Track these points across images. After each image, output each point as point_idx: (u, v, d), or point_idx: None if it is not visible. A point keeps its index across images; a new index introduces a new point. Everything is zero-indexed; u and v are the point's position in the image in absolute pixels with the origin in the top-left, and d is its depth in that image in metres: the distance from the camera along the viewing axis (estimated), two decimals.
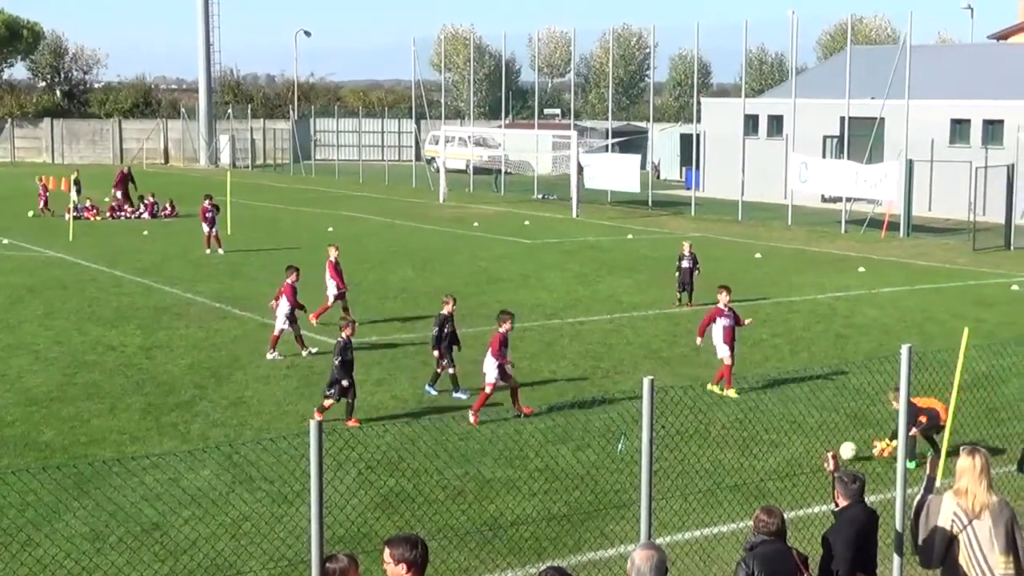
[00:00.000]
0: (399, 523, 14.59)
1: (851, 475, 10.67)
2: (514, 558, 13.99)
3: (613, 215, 56.11)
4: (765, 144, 62.26)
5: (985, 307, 31.33)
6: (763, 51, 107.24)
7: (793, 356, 25.24)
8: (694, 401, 19.16)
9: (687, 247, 31.43)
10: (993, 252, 43.56)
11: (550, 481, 16.52)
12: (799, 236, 48.08)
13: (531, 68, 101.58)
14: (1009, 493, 12.89)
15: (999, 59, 65.39)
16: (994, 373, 22.16)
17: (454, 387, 21.39)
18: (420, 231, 48.42)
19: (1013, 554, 10.11)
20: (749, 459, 17.60)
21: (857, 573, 10.33)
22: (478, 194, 66.33)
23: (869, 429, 19.02)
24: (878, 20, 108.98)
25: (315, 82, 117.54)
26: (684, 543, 13.85)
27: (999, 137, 53.43)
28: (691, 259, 30.92)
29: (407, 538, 8.34)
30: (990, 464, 10.25)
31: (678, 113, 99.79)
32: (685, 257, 31.00)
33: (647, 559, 8.40)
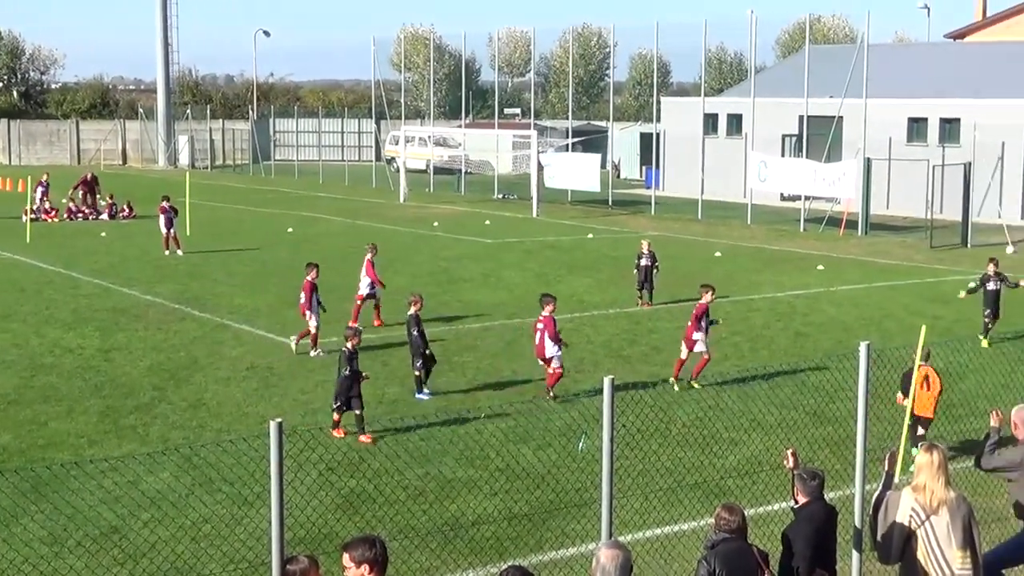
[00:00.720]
0: (360, 524, 14.56)
1: (810, 472, 10.72)
2: (475, 558, 13.99)
3: (573, 214, 56.18)
4: (724, 143, 62.50)
5: (942, 304, 31.55)
6: (722, 50, 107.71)
7: (753, 354, 25.34)
8: (655, 400, 19.21)
9: (646, 245, 31.51)
10: (950, 250, 43.87)
11: (511, 480, 16.52)
12: (758, 234, 48.28)
13: (491, 68, 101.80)
14: (967, 488, 12.98)
15: (956, 58, 65.88)
16: (951, 369, 22.30)
17: (417, 388, 21.42)
18: (381, 231, 48.30)
19: (970, 549, 10.19)
20: (709, 457, 17.66)
21: (817, 569, 10.37)
22: (438, 194, 66.29)
23: (829, 426, 19.12)
24: (836, 20, 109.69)
25: (274, 82, 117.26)
26: (645, 541, 13.88)
27: (956, 136, 53.83)
28: (650, 257, 30.99)
29: (364, 539, 8.33)
30: (947, 460, 10.33)
31: (638, 112, 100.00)
32: (644, 255, 31.06)
33: (612, 558, 8.41)
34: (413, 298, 22.16)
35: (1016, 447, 12.06)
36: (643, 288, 30.97)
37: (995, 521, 13.70)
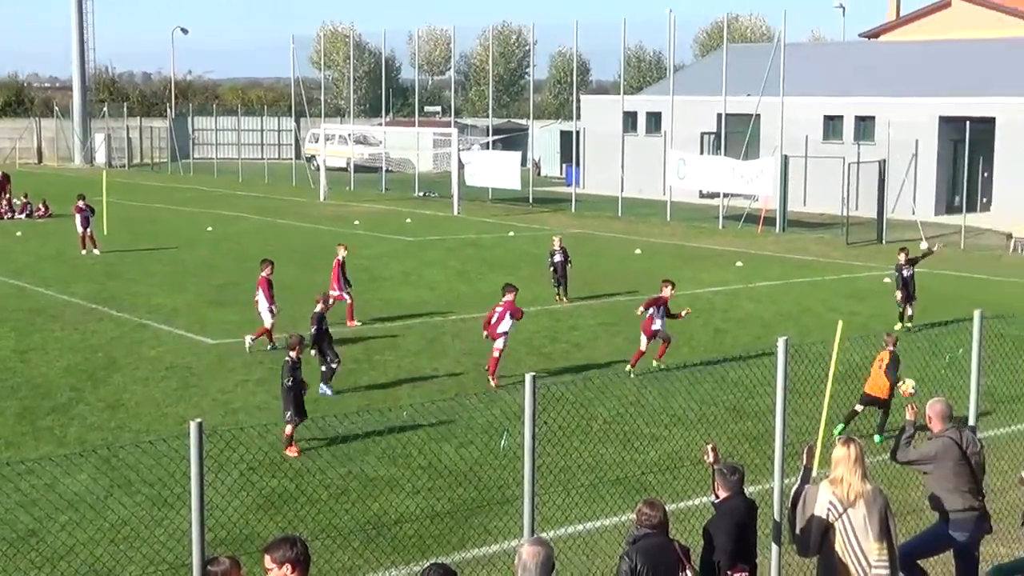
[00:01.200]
0: (282, 524, 14.50)
1: (730, 467, 10.83)
2: (398, 556, 13.98)
3: (494, 212, 56.24)
4: (644, 141, 62.82)
5: (858, 300, 31.95)
6: (641, 49, 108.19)
7: (673, 350, 25.44)
8: (576, 396, 19.29)
9: (557, 242, 31.94)
10: (866, 246, 44.44)
11: (433, 478, 16.53)
12: (678, 232, 48.61)
13: (411, 66, 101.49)
14: (883, 481, 13.17)
15: (870, 57, 66.69)
16: (868, 364, 22.56)
17: (324, 382, 21.50)
18: (301, 229, 48.09)
19: (887, 541, 10.34)
20: (631, 453, 17.77)
21: (737, 563, 10.47)
22: (359, 192, 66.04)
23: (748, 421, 19.31)
24: (753, 19, 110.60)
25: (192, 80, 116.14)
26: (567, 537, 13.93)
27: (870, 133, 54.49)
28: (562, 253, 31.25)
29: (284, 539, 8.33)
30: (864, 453, 10.47)
31: (558, 110, 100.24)
32: (556, 252, 31.34)
33: (534, 555, 8.45)
34: (319, 297, 22.25)
35: (931, 441, 12.25)
36: (559, 284, 31.17)
37: (910, 513, 13.92)
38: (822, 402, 16.73)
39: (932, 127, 52.86)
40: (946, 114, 52.72)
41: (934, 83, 56.12)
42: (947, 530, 12.08)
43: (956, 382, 19.74)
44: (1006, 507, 13.87)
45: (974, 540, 12.20)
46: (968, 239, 44.23)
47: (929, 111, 53.03)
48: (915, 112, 52.73)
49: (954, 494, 11.97)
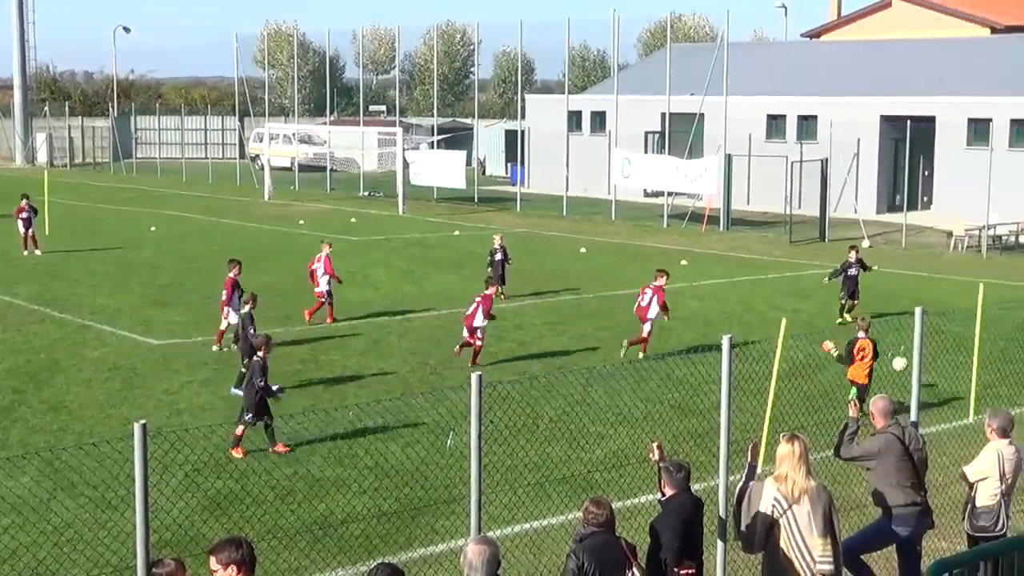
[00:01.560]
0: (227, 525, 14.43)
1: (676, 464, 10.89)
2: (344, 556, 13.95)
3: (439, 211, 56.20)
4: (589, 140, 62.95)
5: (802, 298, 32.19)
6: (586, 48, 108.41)
7: (618, 348, 25.58)
8: (522, 396, 19.32)
9: (499, 240, 32.15)
10: (809, 244, 44.78)
11: (380, 478, 16.51)
12: (623, 230, 48.77)
13: (356, 65, 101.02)
14: (827, 478, 13.27)
15: (812, 57, 67.18)
16: (811, 361, 22.79)
17: (237, 383, 21.42)
18: (246, 229, 47.85)
19: (831, 537, 10.44)
20: (577, 451, 17.82)
21: (684, 560, 10.53)
22: (304, 191, 65.78)
23: (693, 419, 19.41)
24: (697, 19, 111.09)
25: (135, 79, 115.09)
26: (514, 536, 13.96)
27: (813, 132, 54.87)
28: (502, 252, 31.60)
29: (229, 540, 8.31)
30: (808, 450, 10.56)
31: (503, 110, 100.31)
32: (497, 250, 31.49)
33: (480, 553, 8.48)
34: (247, 297, 22.24)
35: (874, 437, 12.37)
36: (502, 283, 31.22)
37: (854, 509, 14.04)
38: (766, 399, 16.86)
39: (874, 126, 53.33)
40: (887, 113, 53.22)
41: (875, 83, 56.61)
42: (890, 525, 12.21)
43: (898, 378, 19.95)
44: (948, 502, 14.03)
45: (916, 535, 12.34)
46: (909, 237, 44.65)
47: (871, 110, 53.49)
48: (857, 111, 53.16)
49: (896, 490, 12.10)
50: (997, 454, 12.32)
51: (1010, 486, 12.38)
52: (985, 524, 12.27)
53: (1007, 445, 12.40)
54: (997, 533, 12.18)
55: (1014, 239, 44.20)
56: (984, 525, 12.28)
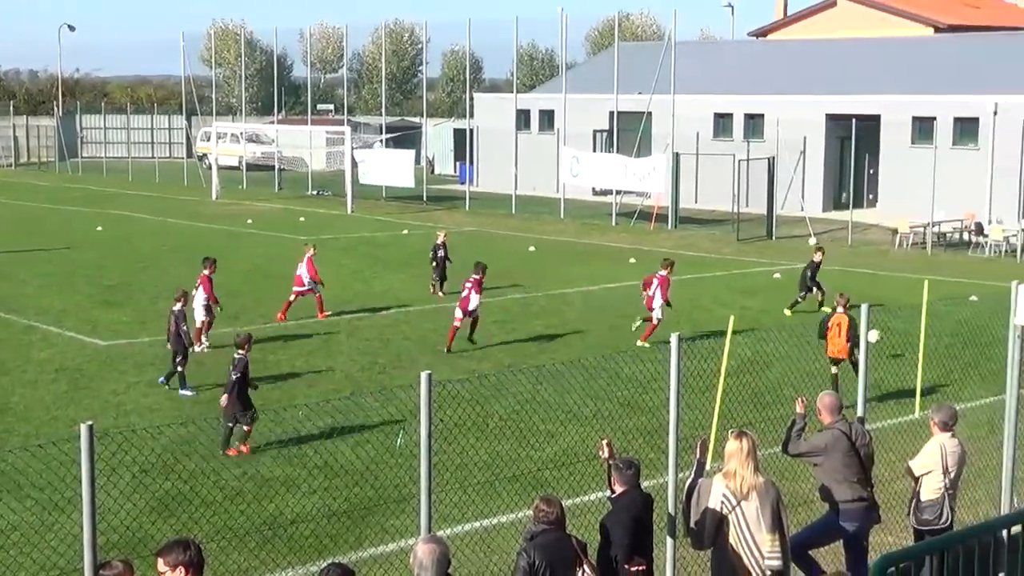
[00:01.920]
0: (176, 526, 14.36)
1: (626, 461, 10.93)
2: (294, 557, 13.92)
3: (388, 210, 56.09)
4: (537, 139, 63.03)
5: (749, 295, 32.37)
6: (534, 47, 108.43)
7: (567, 347, 25.66)
8: (471, 394, 19.32)
9: (441, 236, 32.65)
10: (756, 242, 45.04)
11: (330, 478, 16.47)
12: (571, 229, 48.86)
13: (303, 64, 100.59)
14: (775, 474, 13.37)
15: (759, 56, 67.59)
16: (758, 358, 22.96)
17: (182, 385, 21.60)
18: (193, 229, 47.58)
19: (779, 532, 10.51)
20: (527, 449, 17.85)
21: (634, 557, 10.58)
22: (252, 191, 65.47)
23: (642, 416, 19.48)
24: (644, 17, 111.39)
25: (80, 78, 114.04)
26: (464, 535, 13.97)
27: (760, 131, 55.16)
28: (444, 249, 31.98)
29: (177, 542, 8.29)
30: (756, 447, 10.63)
31: (451, 108, 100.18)
32: (440, 247, 31.94)
33: (429, 552, 8.49)
34: (178, 294, 22.28)
35: (821, 433, 12.47)
36: (442, 278, 31.81)
37: (801, 505, 14.15)
38: (715, 396, 16.96)
39: (820, 125, 53.69)
40: (833, 112, 53.58)
41: (821, 81, 57.00)
42: (837, 521, 12.31)
43: (845, 375, 20.13)
44: (894, 497, 14.16)
45: (863, 530, 12.45)
46: (855, 235, 44.99)
47: (817, 109, 53.84)
48: (803, 110, 53.50)
49: (843, 485, 12.21)
50: (940, 448, 12.46)
51: (954, 480, 12.53)
52: (929, 518, 12.41)
53: (950, 439, 12.55)
54: (942, 526, 12.32)
55: (958, 236, 44.64)
56: (928, 519, 12.42)
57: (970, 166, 47.64)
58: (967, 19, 66.83)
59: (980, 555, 7.32)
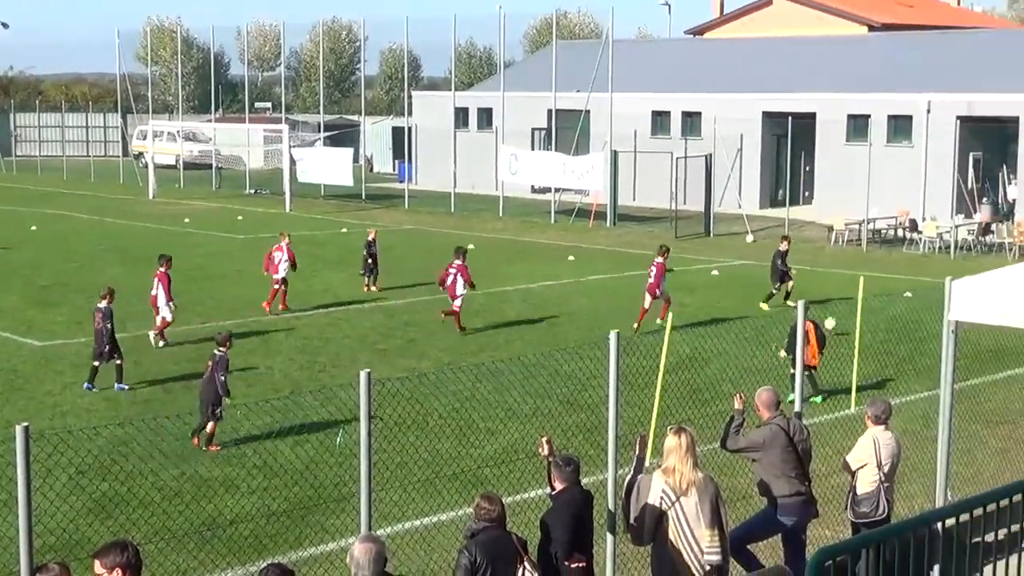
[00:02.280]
0: (113, 528, 14.25)
1: (565, 458, 10.96)
2: (234, 557, 13.85)
3: (327, 209, 55.89)
4: (476, 136, 63.05)
5: (687, 292, 32.52)
6: (472, 45, 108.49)
7: (507, 345, 25.70)
8: (411, 392, 19.31)
9: (373, 233, 33.12)
10: (694, 239, 45.27)
11: (269, 478, 16.41)
12: (511, 227, 48.90)
13: (241, 61, 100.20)
14: (714, 469, 13.46)
15: (696, 54, 67.92)
16: (697, 355, 23.09)
17: (118, 379, 21.60)
18: (130, 228, 47.18)
19: (718, 527, 10.58)
20: (467, 447, 17.85)
21: (574, 554, 10.61)
22: (189, 189, 65.00)
23: (582, 414, 19.54)
24: (582, 16, 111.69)
25: (14, 76, 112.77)
26: (405, 533, 13.97)
27: (697, 129, 55.47)
28: (374, 245, 32.53)
29: (114, 544, 8.23)
30: (695, 442, 10.69)
31: (390, 106, 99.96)
32: (371, 243, 32.37)
33: (366, 552, 8.49)
34: (104, 292, 22.32)
35: (759, 428, 12.57)
36: (371, 273, 32.23)
37: (740, 500, 14.26)
38: (654, 393, 17.04)
39: (756, 123, 54.05)
40: (769, 110, 53.95)
41: (758, 80, 57.37)
42: (775, 515, 12.41)
43: (782, 371, 20.29)
44: (831, 491, 14.30)
45: (801, 524, 12.56)
46: (791, 231, 45.23)
47: (753, 107, 54.21)
48: (740, 108, 53.85)
49: (781, 480, 12.31)
50: (874, 441, 12.61)
51: (889, 473, 12.67)
52: (866, 510, 12.56)
53: (883, 432, 12.70)
54: (878, 518, 12.45)
55: (892, 233, 45.10)
56: (865, 511, 12.56)
57: (904, 163, 48.16)
58: (900, 18, 67.54)
59: (916, 548, 7.40)
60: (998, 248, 41.32)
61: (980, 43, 57.66)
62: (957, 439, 14.50)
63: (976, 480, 15.61)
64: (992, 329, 14.29)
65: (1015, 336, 20.42)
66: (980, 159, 49.02)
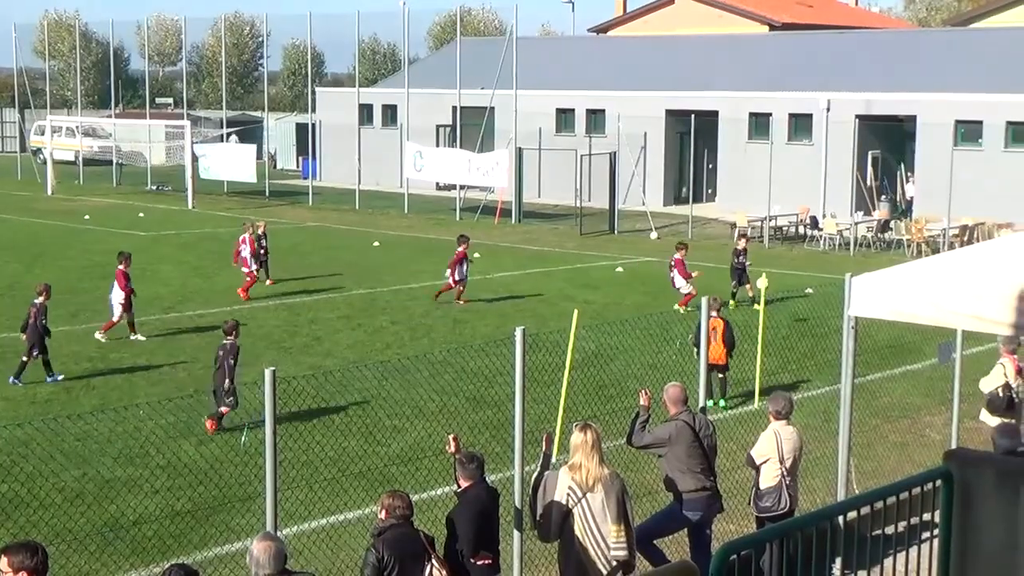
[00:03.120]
0: (13, 530, 14.02)
1: (468, 456, 10.98)
2: (137, 558, 13.71)
3: (230, 205, 55.38)
4: (380, 133, 62.86)
5: (592, 289, 32.73)
6: (376, 41, 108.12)
7: (413, 342, 25.68)
8: (317, 390, 19.22)
9: (262, 227, 33.50)
10: (598, 236, 45.51)
11: (173, 478, 16.25)
12: (416, 224, 48.82)
13: (141, 56, 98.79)
14: (619, 465, 13.56)
15: (599, 51, 68.30)
16: (602, 351, 23.24)
17: (48, 373, 21.57)
18: (28, 225, 46.41)
19: (624, 523, 10.67)
20: (373, 445, 17.81)
21: (480, 551, 10.64)
22: (89, 186, 64.05)
23: (488, 411, 19.58)
24: (486, 13, 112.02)
25: None
26: (311, 532, 13.91)
27: (601, 126, 55.78)
28: (265, 238, 33.05)
29: (25, 544, 8.10)
30: (601, 439, 10.77)
31: (293, 103, 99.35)
32: (263, 237, 32.84)
33: (265, 550, 8.48)
34: (40, 288, 22.35)
35: (665, 423, 12.68)
36: (262, 266, 32.44)
37: (646, 495, 14.38)
38: (560, 389, 17.13)
39: (659, 120, 54.46)
40: (672, 108, 54.39)
41: (661, 77, 57.78)
42: (681, 510, 12.54)
43: (687, 367, 20.47)
44: (735, 486, 14.46)
45: (707, 519, 12.70)
46: (695, 228, 45.73)
47: (656, 105, 54.59)
48: (643, 106, 54.22)
49: (687, 475, 12.43)
50: (775, 436, 12.80)
51: (791, 467, 12.86)
52: (769, 504, 12.73)
53: (784, 426, 12.89)
54: (781, 512, 12.64)
55: (794, 230, 45.67)
56: (767, 505, 12.74)
57: (805, 161, 48.86)
58: (800, 17, 68.50)
59: (818, 541, 7.52)
60: (896, 245, 42.02)
61: (878, 43, 58.61)
62: (857, 433, 14.75)
63: (877, 474, 15.87)
64: (890, 325, 14.55)
65: (912, 332, 20.79)
66: (879, 157, 49.86)
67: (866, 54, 55.68)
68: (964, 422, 16.46)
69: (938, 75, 50.09)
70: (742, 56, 59.20)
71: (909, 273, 11.88)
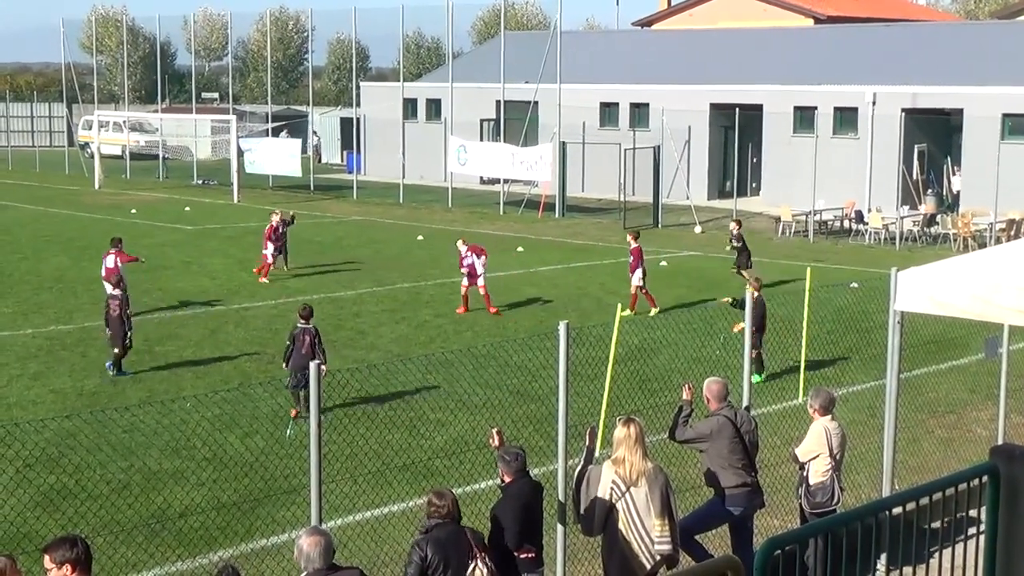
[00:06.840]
0: (61, 521, 14.17)
1: (511, 452, 10.98)
2: (183, 550, 13.81)
3: (275, 200, 55.54)
4: (425, 127, 62.95)
5: None
6: (420, 35, 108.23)
7: (457, 336, 25.72)
8: (360, 384, 19.30)
9: (286, 215, 34.51)
10: (642, 230, 45.32)
11: (218, 470, 16.36)
12: (460, 218, 48.88)
13: (187, 51, 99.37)
14: (662, 460, 13.54)
15: (644, 45, 68.10)
16: (646, 345, 23.20)
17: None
18: (75, 219, 46.79)
19: (668, 517, 10.67)
20: (417, 439, 17.87)
21: (524, 544, 10.66)
22: (136, 180, 64.49)
23: (532, 404, 19.60)
24: (530, 7, 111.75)
25: None
26: (355, 524, 13.98)
27: (645, 120, 55.61)
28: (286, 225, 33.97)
29: (64, 539, 8.22)
30: (644, 433, 10.77)
31: (338, 97, 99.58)
32: (280, 224, 33.64)
33: (315, 544, 8.52)
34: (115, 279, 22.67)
35: (707, 419, 12.66)
36: (281, 253, 33.44)
37: (689, 490, 14.35)
38: (603, 384, 17.12)
39: (703, 114, 54.25)
40: (716, 101, 54.14)
41: (705, 71, 57.57)
42: (723, 505, 12.52)
43: (731, 362, 20.40)
44: (778, 481, 14.43)
45: (748, 514, 12.67)
46: None
47: (700, 98, 54.36)
48: (687, 99, 54.00)
49: (728, 471, 12.41)
50: (824, 431, 12.75)
51: (838, 461, 12.82)
52: (821, 500, 12.69)
53: (830, 421, 12.85)
54: (833, 507, 12.60)
55: (839, 224, 45.43)
56: (821, 501, 12.69)
57: (850, 155, 48.51)
58: (845, 10, 68.05)
59: (863, 536, 7.50)
60: (943, 239, 41.73)
61: (924, 36, 58.16)
62: (902, 429, 14.66)
63: (922, 469, 15.80)
64: (936, 319, 14.47)
65: (959, 326, 20.65)
66: (925, 151, 49.46)
67: (912, 47, 55.27)
68: (1011, 417, 16.36)
69: (985, 68, 49.65)
70: (787, 49, 58.89)
71: (955, 267, 11.81)
